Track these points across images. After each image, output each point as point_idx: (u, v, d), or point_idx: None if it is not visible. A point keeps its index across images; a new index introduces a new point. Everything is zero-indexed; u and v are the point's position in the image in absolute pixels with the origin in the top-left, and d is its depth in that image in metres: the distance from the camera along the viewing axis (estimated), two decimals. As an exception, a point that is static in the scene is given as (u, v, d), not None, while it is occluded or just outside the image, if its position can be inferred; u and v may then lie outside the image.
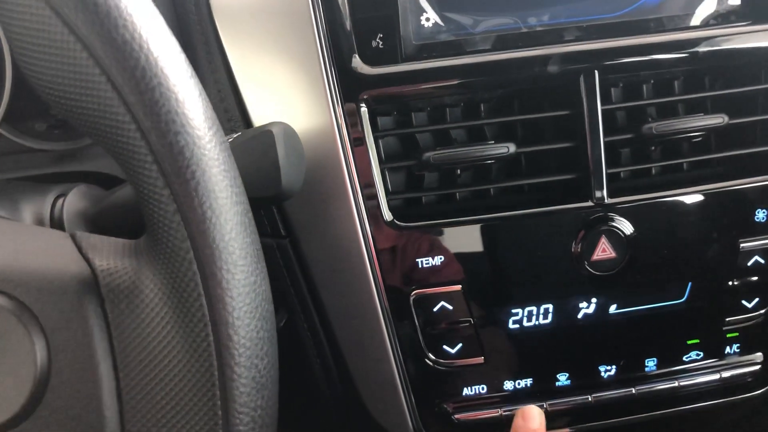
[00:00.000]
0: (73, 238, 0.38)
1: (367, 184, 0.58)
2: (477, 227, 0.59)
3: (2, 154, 0.63)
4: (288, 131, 0.50)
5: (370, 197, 0.58)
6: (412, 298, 0.59)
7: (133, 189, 0.50)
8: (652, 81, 0.62)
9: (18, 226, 0.45)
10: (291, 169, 0.48)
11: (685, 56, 0.60)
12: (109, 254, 0.37)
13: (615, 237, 0.59)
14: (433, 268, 0.59)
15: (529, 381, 0.62)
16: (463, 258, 0.59)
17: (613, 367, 0.62)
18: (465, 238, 0.59)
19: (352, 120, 0.57)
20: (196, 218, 0.34)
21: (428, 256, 0.59)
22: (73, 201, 0.53)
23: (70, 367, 0.35)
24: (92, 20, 0.32)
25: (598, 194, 0.59)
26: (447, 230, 0.59)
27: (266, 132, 0.48)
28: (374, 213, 0.58)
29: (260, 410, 0.37)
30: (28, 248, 0.37)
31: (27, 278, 0.35)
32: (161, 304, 0.35)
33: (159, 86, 0.33)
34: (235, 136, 0.49)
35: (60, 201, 0.53)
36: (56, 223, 0.53)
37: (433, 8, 0.58)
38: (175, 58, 0.35)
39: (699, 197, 0.61)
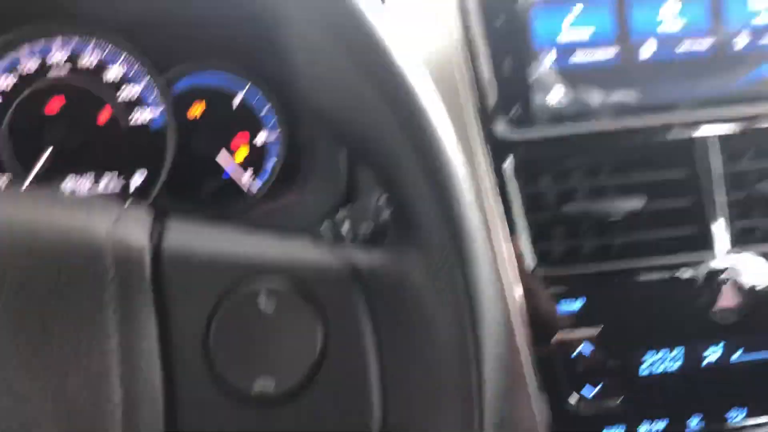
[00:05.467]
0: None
1: (513, 233, 0.63)
2: (609, 275, 0.65)
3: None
4: None
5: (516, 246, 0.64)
6: (553, 342, 0.63)
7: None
8: None
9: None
10: None
11: None
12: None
13: (737, 287, 0.64)
14: (572, 314, 0.64)
15: (663, 423, 0.65)
16: (598, 305, 0.64)
17: (744, 410, 0.66)
18: (599, 285, 0.64)
19: (499, 179, 0.64)
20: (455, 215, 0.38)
21: (567, 301, 0.64)
22: None
23: (341, 352, 0.38)
24: None
25: (719, 246, 0.65)
26: (584, 278, 0.64)
27: None
28: (518, 260, 0.63)
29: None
30: (292, 241, 0.40)
31: (304, 263, 0.38)
32: (423, 290, 0.37)
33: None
34: None
35: None
36: None
37: (565, 83, 0.66)
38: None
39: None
